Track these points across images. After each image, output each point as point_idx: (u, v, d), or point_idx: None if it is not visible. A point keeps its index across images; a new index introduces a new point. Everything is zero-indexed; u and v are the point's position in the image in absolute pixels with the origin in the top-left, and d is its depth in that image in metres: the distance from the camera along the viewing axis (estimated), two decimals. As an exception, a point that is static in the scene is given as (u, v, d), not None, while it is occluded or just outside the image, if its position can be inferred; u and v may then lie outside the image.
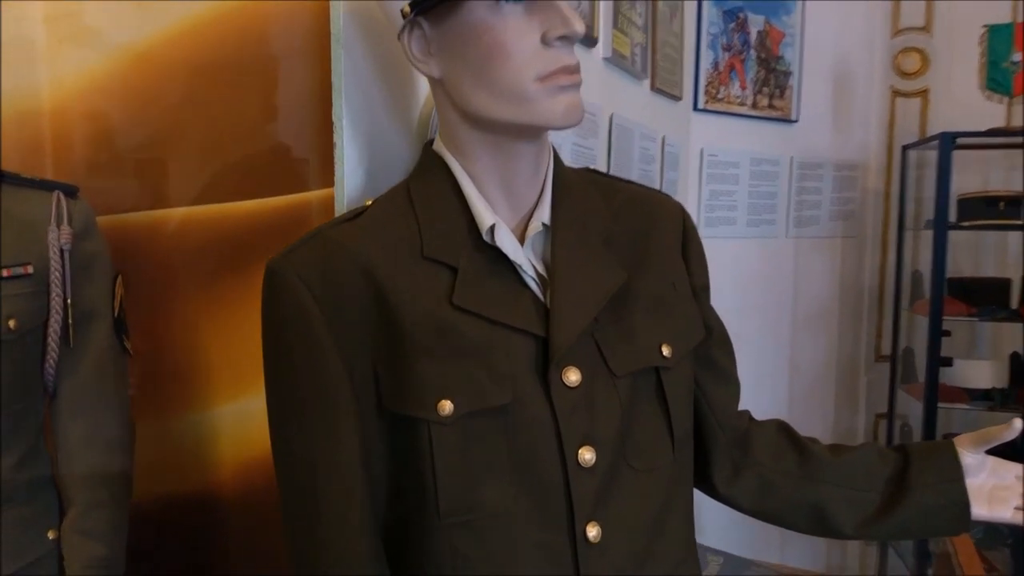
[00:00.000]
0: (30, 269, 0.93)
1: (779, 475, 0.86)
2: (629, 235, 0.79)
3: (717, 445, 0.87)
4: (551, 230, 0.74)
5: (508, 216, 0.74)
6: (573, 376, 0.70)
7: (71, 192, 1.01)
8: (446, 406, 0.67)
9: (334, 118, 0.80)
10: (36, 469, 0.96)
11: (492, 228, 0.71)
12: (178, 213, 1.13)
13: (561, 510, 0.69)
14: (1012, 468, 0.83)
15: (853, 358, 2.96)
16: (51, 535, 0.96)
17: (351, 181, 0.81)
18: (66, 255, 0.96)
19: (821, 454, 0.86)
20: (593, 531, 0.70)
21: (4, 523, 0.91)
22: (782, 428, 0.89)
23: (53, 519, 0.97)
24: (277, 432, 0.71)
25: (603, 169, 1.64)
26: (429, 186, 0.74)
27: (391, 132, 0.88)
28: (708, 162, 2.47)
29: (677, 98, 2.19)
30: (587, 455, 0.70)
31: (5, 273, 0.91)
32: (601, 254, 0.75)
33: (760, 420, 0.91)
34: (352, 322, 0.68)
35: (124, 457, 1.00)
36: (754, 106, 2.58)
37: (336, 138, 0.80)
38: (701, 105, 2.42)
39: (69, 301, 0.96)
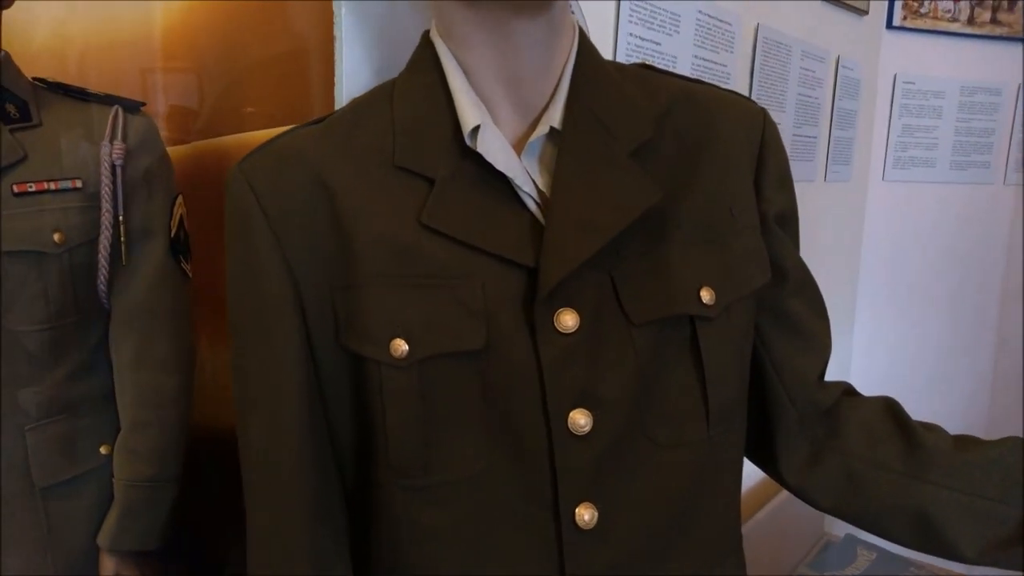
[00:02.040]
0: (79, 183, 0.92)
1: (873, 468, 0.64)
2: (677, 145, 0.61)
3: (785, 422, 0.67)
4: (561, 135, 0.58)
5: (513, 119, 0.59)
6: (569, 319, 0.55)
7: (132, 108, 0.99)
8: (400, 346, 0.54)
9: (334, 5, 0.68)
10: (90, 385, 0.97)
11: (477, 130, 0.57)
12: (254, 137, 1.08)
13: (545, 485, 0.55)
14: None
15: (1087, 334, 2.42)
16: (103, 450, 0.98)
17: (353, 83, 0.69)
18: (118, 171, 0.94)
19: (938, 446, 0.63)
20: (587, 514, 0.55)
21: (54, 433, 0.93)
22: (889, 408, 0.67)
23: (108, 435, 0.98)
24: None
25: (744, 92, 1.39)
26: (415, 81, 0.60)
27: (411, 23, 0.74)
28: (903, 91, 2.07)
29: (862, 12, 1.84)
30: (580, 419, 0.54)
31: (52, 186, 0.90)
32: (627, 166, 0.58)
33: (861, 395, 0.70)
34: (305, 241, 0.58)
35: (175, 379, 0.99)
36: (970, 22, 2.11)
37: (336, 30, 0.68)
38: (897, 22, 2.02)
39: (120, 218, 0.95)
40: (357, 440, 0.60)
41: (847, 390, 0.70)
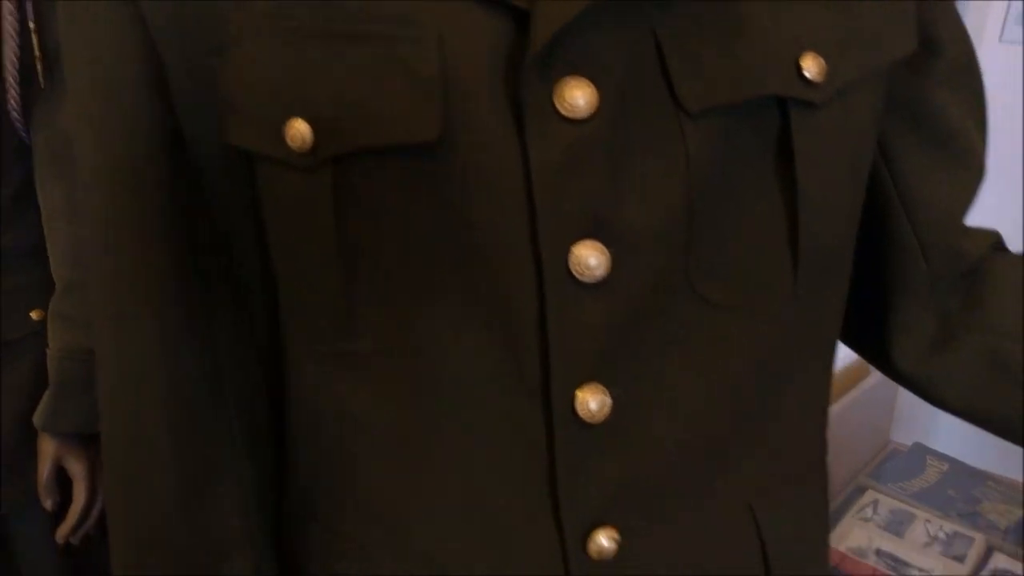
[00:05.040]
0: (-34, -27, 0.72)
1: None
2: None
3: (910, 281, 0.46)
4: None
5: None
6: (579, 96, 0.33)
7: None
8: (300, 132, 0.34)
9: None
10: (13, 237, 0.80)
11: None
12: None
13: (531, 357, 0.36)
14: None
15: None
16: (35, 315, 0.82)
17: None
18: (23, -41, 0.74)
19: None
20: (593, 401, 0.35)
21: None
22: None
23: (39, 298, 0.82)
24: None
25: None
26: None
27: None
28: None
29: None
30: (590, 258, 0.34)
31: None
32: None
33: (1015, 253, 0.48)
34: None
35: (116, 234, 0.81)
36: None
37: None
38: None
39: (32, 24, 0.75)
40: (266, 284, 0.41)
41: (997, 244, 0.47)
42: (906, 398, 1.67)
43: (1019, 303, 0.44)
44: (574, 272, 0.34)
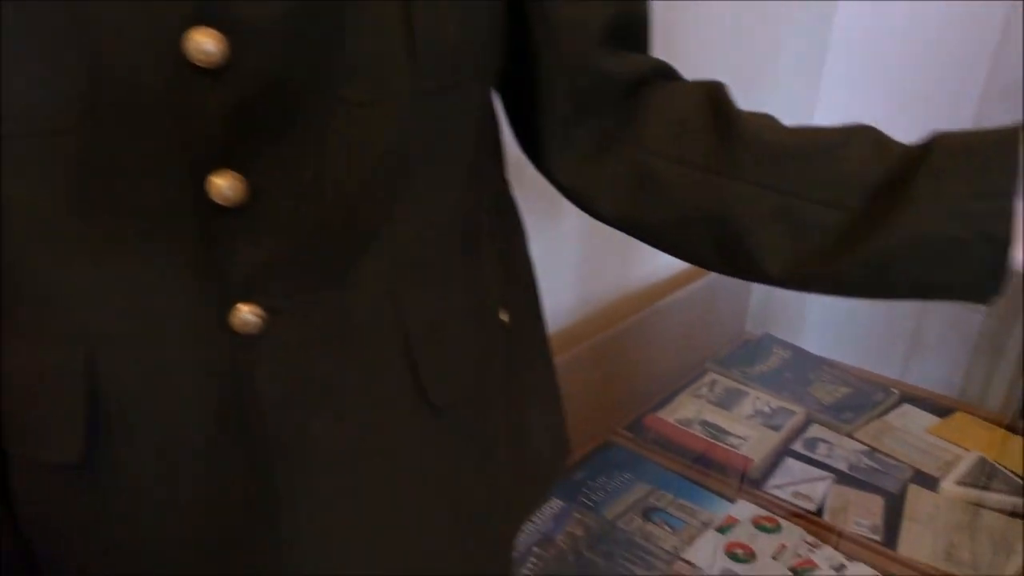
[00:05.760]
0: None
1: (671, 163, 0.49)
2: None
3: (552, 94, 0.50)
4: None
5: None
6: None
7: None
8: None
9: None
10: None
11: None
12: None
13: (164, 145, 0.38)
14: None
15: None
16: None
17: None
18: None
19: (759, 136, 0.47)
20: (227, 187, 0.39)
21: None
22: (712, 95, 0.50)
23: None
24: None
25: None
26: None
27: None
28: None
29: None
30: (206, 43, 0.36)
31: None
32: None
33: (685, 81, 0.53)
34: None
35: None
36: None
37: None
38: None
39: None
40: None
41: (664, 72, 0.52)
42: (759, 292, 1.78)
43: (672, 123, 0.50)
44: (192, 59, 0.37)
